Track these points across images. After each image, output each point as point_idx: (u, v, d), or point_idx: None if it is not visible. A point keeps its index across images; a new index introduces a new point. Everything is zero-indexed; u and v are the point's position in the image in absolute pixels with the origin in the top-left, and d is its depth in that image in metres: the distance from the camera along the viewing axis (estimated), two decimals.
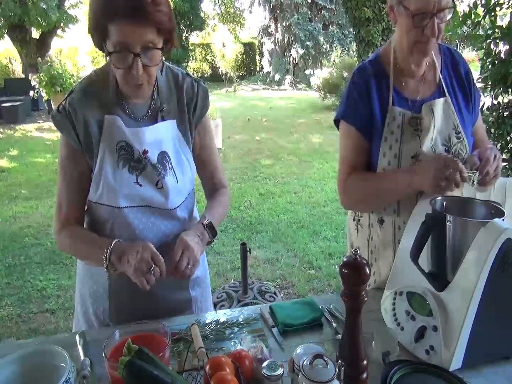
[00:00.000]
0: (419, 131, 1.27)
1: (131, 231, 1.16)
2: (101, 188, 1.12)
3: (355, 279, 0.86)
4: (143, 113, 1.17)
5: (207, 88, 1.27)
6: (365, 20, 8.26)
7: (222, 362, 0.88)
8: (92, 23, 1.03)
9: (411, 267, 1.07)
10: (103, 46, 1.05)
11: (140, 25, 0.99)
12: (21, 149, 7.56)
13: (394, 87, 1.30)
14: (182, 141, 1.22)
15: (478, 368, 0.98)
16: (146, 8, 0.98)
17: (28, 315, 2.93)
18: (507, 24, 2.16)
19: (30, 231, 4.28)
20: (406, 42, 1.22)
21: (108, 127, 1.12)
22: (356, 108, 1.30)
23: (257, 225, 4.39)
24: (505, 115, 2.21)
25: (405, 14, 1.17)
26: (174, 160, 1.19)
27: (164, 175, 1.17)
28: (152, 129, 1.16)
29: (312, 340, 1.09)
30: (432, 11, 1.14)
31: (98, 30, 1.02)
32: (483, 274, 0.93)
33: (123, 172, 1.13)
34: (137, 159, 1.14)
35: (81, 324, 1.29)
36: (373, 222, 1.39)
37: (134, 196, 1.14)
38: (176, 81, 1.22)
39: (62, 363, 0.90)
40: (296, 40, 17.58)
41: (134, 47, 1.00)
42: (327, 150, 7.30)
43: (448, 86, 1.32)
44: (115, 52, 1.01)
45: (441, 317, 0.99)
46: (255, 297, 2.98)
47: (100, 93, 1.13)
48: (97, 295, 1.23)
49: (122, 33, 0.99)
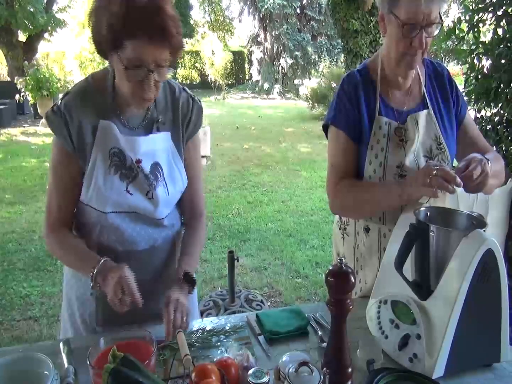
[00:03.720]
0: (404, 142, 1.30)
1: (119, 234, 1.17)
2: (91, 191, 1.13)
3: (340, 288, 0.87)
4: (138, 122, 1.17)
5: (202, 106, 1.28)
6: (353, 32, 8.40)
7: (208, 369, 0.89)
8: (104, 34, 1.01)
9: (395, 276, 1.09)
10: (110, 55, 1.04)
11: (160, 44, 1.00)
12: (6, 153, 7.44)
13: (381, 97, 1.32)
14: (175, 154, 1.22)
15: (460, 375, 1.00)
16: (169, 30, 0.99)
17: (11, 323, 2.87)
18: (489, 40, 2.22)
19: (13, 236, 4.20)
20: (394, 53, 1.24)
21: (102, 132, 1.12)
22: (346, 113, 1.31)
23: (244, 233, 4.39)
24: (487, 128, 2.27)
25: (395, 24, 1.19)
26: (166, 171, 1.19)
27: (156, 186, 1.17)
28: (148, 139, 1.16)
29: (298, 348, 1.09)
30: (422, 23, 1.16)
31: (111, 42, 1.01)
32: (464, 283, 0.95)
33: (114, 178, 1.13)
34: (129, 167, 1.15)
35: (67, 328, 1.28)
36: (359, 230, 1.41)
37: (123, 203, 1.15)
38: (173, 94, 1.22)
39: (45, 370, 0.90)
40: (285, 50, 17.76)
41: (149, 64, 1.01)
42: (315, 159, 7.35)
43: (431, 99, 1.35)
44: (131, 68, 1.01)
45: (424, 326, 1.00)
46: (242, 305, 2.98)
47: (96, 98, 1.13)
48: (84, 298, 1.23)
49: (140, 51, 0.99)
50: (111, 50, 1.03)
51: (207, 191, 5.70)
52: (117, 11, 0.97)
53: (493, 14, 2.13)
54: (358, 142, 1.32)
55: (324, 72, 13.40)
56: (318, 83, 12.30)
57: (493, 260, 0.97)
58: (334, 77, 11.36)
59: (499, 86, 2.13)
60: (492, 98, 2.17)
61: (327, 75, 12.15)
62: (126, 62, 1.01)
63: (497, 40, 2.13)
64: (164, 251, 1.28)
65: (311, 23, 18.07)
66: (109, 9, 0.98)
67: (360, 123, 1.31)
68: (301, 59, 17.73)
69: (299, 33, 17.84)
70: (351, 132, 1.31)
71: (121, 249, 1.19)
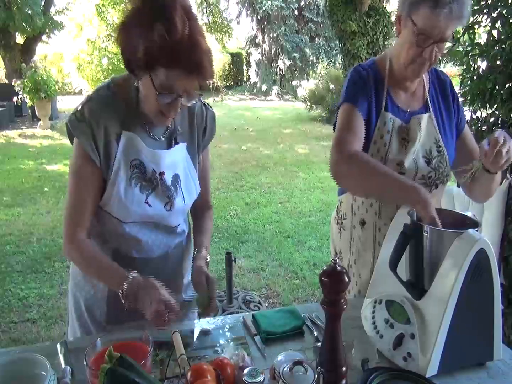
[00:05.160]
0: (406, 141, 1.32)
1: (136, 243, 1.19)
2: (112, 200, 1.13)
3: (334, 287, 0.88)
4: (161, 132, 1.19)
5: (215, 113, 1.31)
6: (351, 34, 8.42)
7: (204, 369, 0.89)
8: (139, 55, 1.00)
9: (390, 276, 1.10)
10: (140, 74, 1.04)
11: (194, 78, 1.03)
12: (3, 155, 7.43)
13: (388, 93, 1.34)
14: (190, 163, 1.25)
15: (453, 374, 1.01)
16: (204, 65, 1.01)
17: (9, 325, 2.87)
18: (485, 41, 2.24)
19: (11, 239, 4.20)
20: (404, 58, 1.26)
21: (125, 142, 1.12)
22: (359, 91, 1.29)
23: (242, 234, 4.39)
24: (483, 129, 2.28)
25: (411, 29, 1.20)
26: (183, 182, 1.22)
27: (175, 197, 1.20)
28: (170, 152, 1.19)
29: (293, 348, 1.10)
30: (435, 37, 1.17)
31: (145, 65, 1.01)
32: (457, 282, 0.97)
33: (135, 190, 1.14)
34: (149, 179, 1.16)
35: (75, 328, 1.28)
36: (355, 224, 1.43)
37: (142, 214, 1.16)
38: None
39: (42, 371, 0.90)
40: (283, 52, 17.77)
41: (179, 91, 1.04)
42: (312, 161, 7.37)
43: (434, 103, 1.37)
44: (163, 92, 1.03)
45: (418, 325, 1.01)
46: (240, 306, 2.98)
47: (120, 107, 1.12)
48: (94, 299, 1.24)
49: (174, 82, 1.02)
50: (143, 71, 1.03)
51: None
52: (156, 39, 0.97)
53: (488, 16, 2.14)
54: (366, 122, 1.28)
55: (322, 73, 13.39)
56: (316, 84, 12.30)
57: (485, 260, 0.98)
58: (332, 78, 11.38)
59: (495, 87, 2.14)
60: (487, 99, 2.18)
61: (325, 77, 12.16)
62: (158, 87, 1.02)
63: (492, 42, 2.14)
64: (176, 257, 1.32)
65: (309, 25, 18.10)
66: (148, 33, 0.98)
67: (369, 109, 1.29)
68: (299, 60, 17.74)
69: (297, 35, 17.87)
70: (361, 107, 1.28)
71: (138, 256, 1.22)
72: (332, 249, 1.59)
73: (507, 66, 2.03)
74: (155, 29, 0.97)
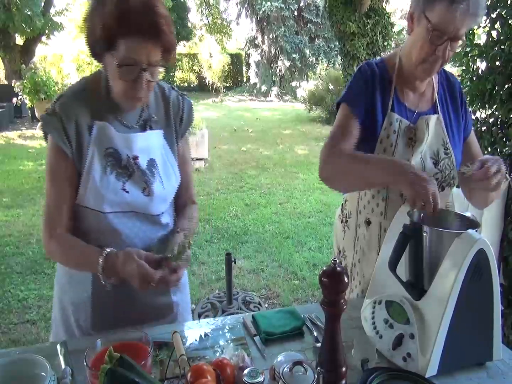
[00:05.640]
0: (413, 141, 1.31)
1: (117, 236, 1.17)
2: (88, 192, 1.13)
3: (334, 288, 0.88)
4: (134, 121, 1.20)
5: (191, 102, 1.31)
6: (350, 34, 8.44)
7: (204, 370, 0.89)
8: (98, 35, 1.03)
9: (390, 277, 1.10)
10: (104, 57, 1.07)
11: (152, 42, 1.03)
12: (3, 156, 7.43)
13: (395, 94, 1.33)
14: (168, 151, 1.24)
15: (453, 374, 1.01)
16: (161, 28, 1.02)
17: (8, 326, 2.87)
18: (484, 42, 2.24)
19: (11, 240, 4.20)
20: (416, 56, 1.24)
21: (97, 132, 1.13)
22: (359, 92, 1.31)
23: (242, 235, 4.40)
24: (482, 130, 2.28)
25: (425, 26, 1.19)
26: (161, 167, 1.21)
27: (152, 182, 1.19)
28: (143, 136, 1.19)
29: (293, 348, 1.10)
30: (450, 34, 1.16)
31: (105, 42, 1.03)
32: (457, 282, 0.97)
33: (110, 178, 1.14)
34: (124, 166, 1.16)
35: (60, 333, 1.27)
36: (360, 223, 1.43)
37: (120, 202, 1.15)
38: (163, 93, 1.25)
39: (42, 372, 0.90)
40: (282, 52, 17.80)
41: (142, 63, 1.04)
42: (312, 162, 7.36)
43: (442, 105, 1.37)
44: (125, 65, 1.03)
45: (417, 325, 1.02)
46: (240, 307, 2.99)
47: (91, 99, 1.15)
48: (79, 303, 1.23)
49: (133, 49, 1.02)
50: (105, 50, 1.05)
51: (205, 193, 5.71)
52: (110, 12, 1.00)
53: (488, 16, 2.15)
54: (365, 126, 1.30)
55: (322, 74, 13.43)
56: (316, 85, 12.32)
57: (485, 260, 0.98)
58: (332, 79, 11.40)
59: (494, 88, 2.14)
60: (486, 100, 2.19)
61: (325, 78, 12.18)
62: (120, 60, 1.03)
63: (491, 43, 2.14)
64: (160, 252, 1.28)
65: (309, 26, 18.13)
66: (103, 10, 1.01)
67: (373, 110, 1.30)
68: (299, 61, 17.77)
69: (297, 36, 17.89)
70: (358, 110, 1.29)
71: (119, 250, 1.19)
72: (335, 247, 1.58)
73: (506, 67, 2.04)
74: (108, 2, 1.00)
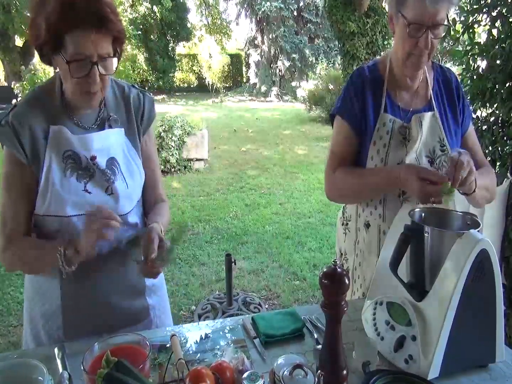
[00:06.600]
0: (406, 140, 1.32)
1: None
2: (49, 199, 1.10)
3: (335, 290, 0.87)
4: (91, 122, 1.18)
5: (153, 98, 1.31)
6: (350, 34, 8.44)
7: (203, 374, 0.88)
8: (44, 35, 1.00)
9: (391, 278, 1.09)
10: (54, 58, 1.04)
11: (100, 34, 1.00)
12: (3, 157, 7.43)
13: (388, 95, 1.34)
14: (131, 148, 1.23)
15: (455, 376, 1.00)
16: (106, 16, 0.99)
17: (7, 328, 2.86)
18: (484, 41, 2.23)
19: None
20: (401, 53, 1.27)
21: (54, 137, 1.11)
22: (351, 104, 1.35)
23: (242, 236, 4.38)
24: (483, 129, 2.27)
25: (402, 23, 1.22)
26: (123, 166, 1.20)
27: (114, 180, 1.17)
28: (101, 135, 1.17)
29: (293, 351, 1.09)
30: (427, 23, 1.18)
31: (52, 41, 1.00)
32: (459, 283, 0.95)
33: (70, 180, 1.12)
34: (85, 167, 1.14)
35: (28, 343, 1.24)
36: (360, 226, 1.42)
37: (83, 204, 1.12)
38: (122, 92, 1.24)
39: (39, 376, 0.89)
40: (282, 52, 17.81)
41: (92, 56, 1.01)
42: (312, 162, 7.36)
43: (438, 102, 1.36)
44: (75, 61, 1.00)
45: (419, 327, 1.00)
46: (240, 308, 2.97)
47: (45, 105, 1.13)
48: (49, 313, 1.20)
49: (81, 43, 0.99)
50: (53, 51, 1.02)
51: (205, 194, 5.70)
52: (53, 9, 0.97)
53: (488, 15, 2.13)
54: (360, 134, 1.34)
55: (322, 74, 13.43)
56: (316, 85, 12.33)
57: (487, 260, 0.97)
58: (331, 79, 11.40)
59: (495, 86, 2.13)
60: (487, 99, 2.17)
61: (325, 77, 12.19)
62: (69, 57, 1.00)
63: (492, 41, 2.13)
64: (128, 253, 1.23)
65: (308, 26, 18.14)
66: (46, 9, 0.99)
67: (365, 117, 1.33)
68: (299, 61, 17.78)
69: (296, 36, 17.90)
70: (354, 123, 1.34)
71: None
72: (337, 249, 1.58)
73: (507, 65, 2.02)
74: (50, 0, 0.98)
